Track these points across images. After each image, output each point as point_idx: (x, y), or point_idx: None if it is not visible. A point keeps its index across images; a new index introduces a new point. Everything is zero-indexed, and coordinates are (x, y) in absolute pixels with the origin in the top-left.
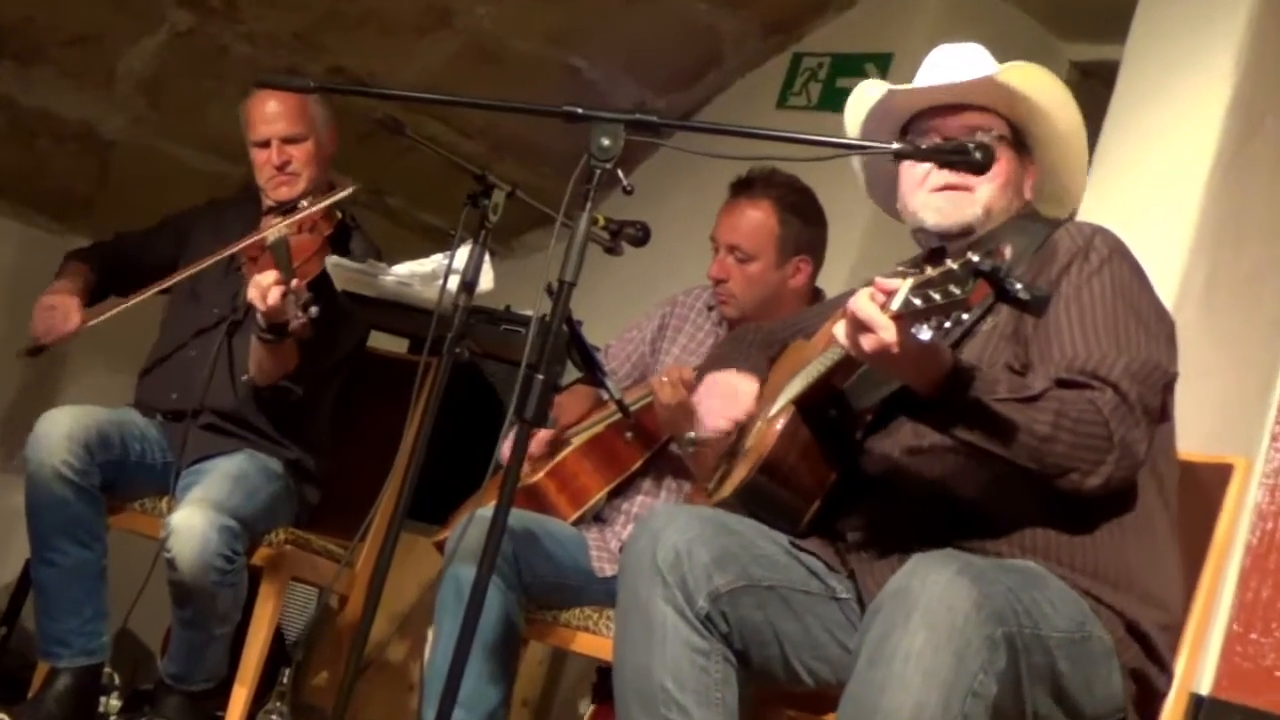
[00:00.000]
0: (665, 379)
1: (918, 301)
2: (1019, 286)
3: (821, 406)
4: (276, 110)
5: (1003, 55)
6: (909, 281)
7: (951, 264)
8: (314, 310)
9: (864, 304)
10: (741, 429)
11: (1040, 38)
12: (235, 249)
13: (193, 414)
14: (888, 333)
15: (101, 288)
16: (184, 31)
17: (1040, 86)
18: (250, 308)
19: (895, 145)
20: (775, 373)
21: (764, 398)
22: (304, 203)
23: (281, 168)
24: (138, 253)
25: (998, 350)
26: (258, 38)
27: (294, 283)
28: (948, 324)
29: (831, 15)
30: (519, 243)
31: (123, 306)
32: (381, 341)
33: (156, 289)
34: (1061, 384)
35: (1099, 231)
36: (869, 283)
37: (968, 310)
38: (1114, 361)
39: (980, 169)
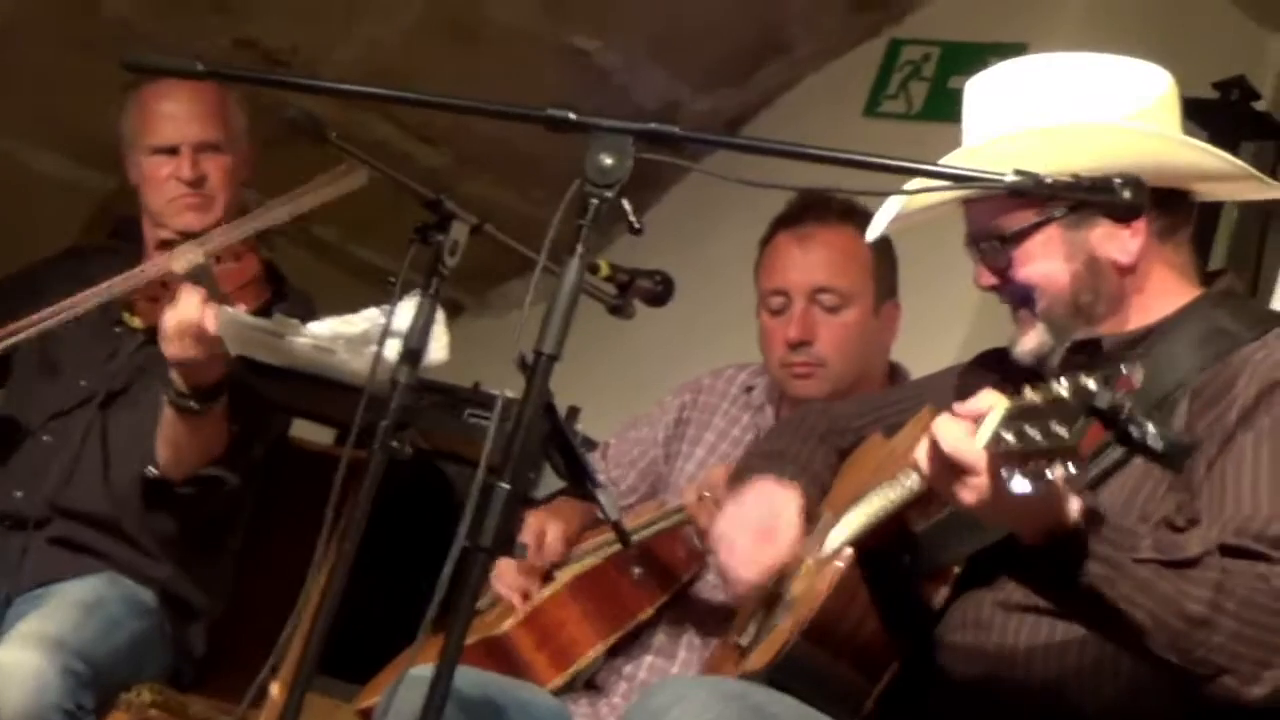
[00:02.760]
0: (707, 492)
1: (1010, 438)
2: (1151, 431)
3: (891, 551)
4: (189, 107)
5: (1188, 48)
6: (1002, 407)
7: (1060, 387)
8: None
9: (947, 431)
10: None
11: (1239, 26)
12: (118, 289)
13: (36, 524)
14: (978, 475)
15: None
16: None
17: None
18: (140, 373)
19: (1011, 177)
20: (845, 477)
21: (830, 508)
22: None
23: (195, 184)
24: None
25: (1152, 497)
26: None
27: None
28: (1051, 474)
29: None
30: (496, 294)
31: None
32: (300, 429)
33: (101, 294)
34: (1227, 551)
35: None
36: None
37: (1076, 461)
38: None
39: (1131, 213)
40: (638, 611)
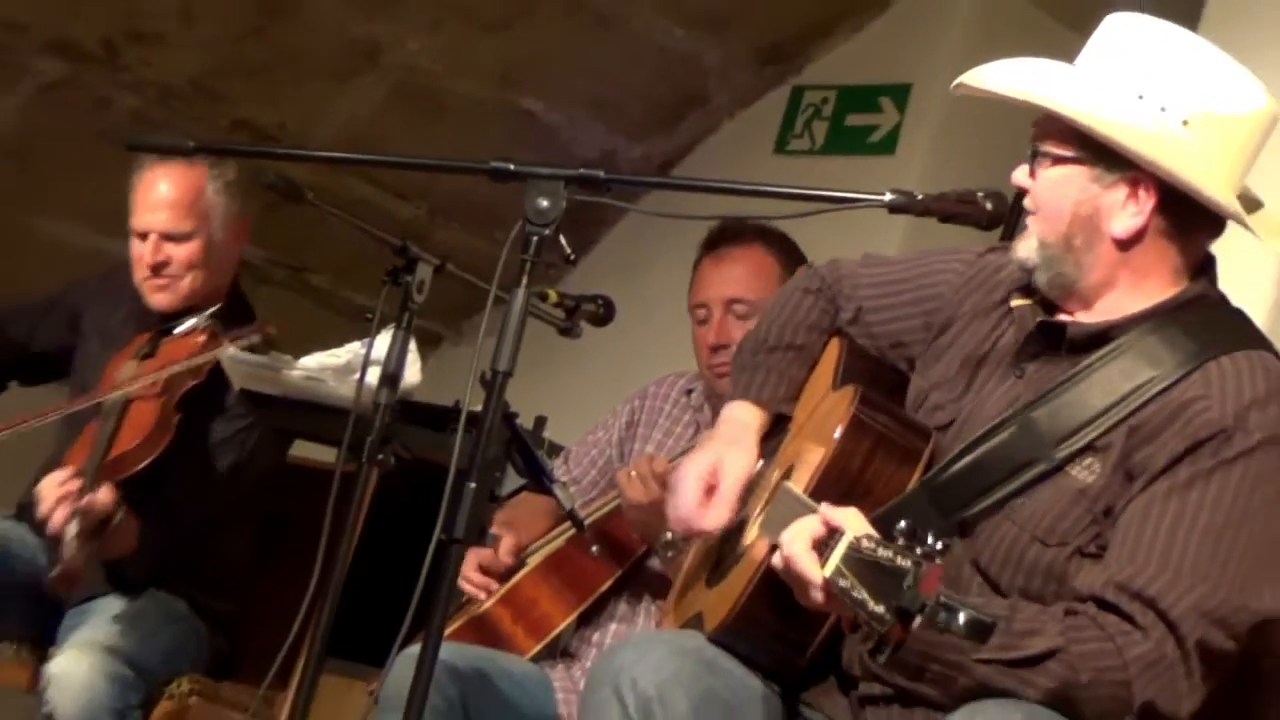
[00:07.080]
0: (634, 472)
1: (844, 584)
2: (958, 624)
3: None
4: (163, 196)
5: None
6: (850, 538)
7: (892, 556)
8: (79, 550)
9: (798, 544)
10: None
11: None
12: (85, 403)
13: None
14: (814, 591)
15: None
16: (53, 83)
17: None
18: None
19: (889, 196)
20: (804, 404)
21: (798, 434)
22: (182, 327)
23: (156, 269)
24: (24, 337)
25: (1079, 522)
26: (146, 87)
27: (86, 501)
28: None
29: (837, 41)
30: (469, 325)
31: (19, 428)
32: (309, 450)
33: (55, 414)
34: (1103, 605)
35: (1276, 398)
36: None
37: (888, 643)
38: (1185, 591)
39: (991, 222)
40: (599, 584)
